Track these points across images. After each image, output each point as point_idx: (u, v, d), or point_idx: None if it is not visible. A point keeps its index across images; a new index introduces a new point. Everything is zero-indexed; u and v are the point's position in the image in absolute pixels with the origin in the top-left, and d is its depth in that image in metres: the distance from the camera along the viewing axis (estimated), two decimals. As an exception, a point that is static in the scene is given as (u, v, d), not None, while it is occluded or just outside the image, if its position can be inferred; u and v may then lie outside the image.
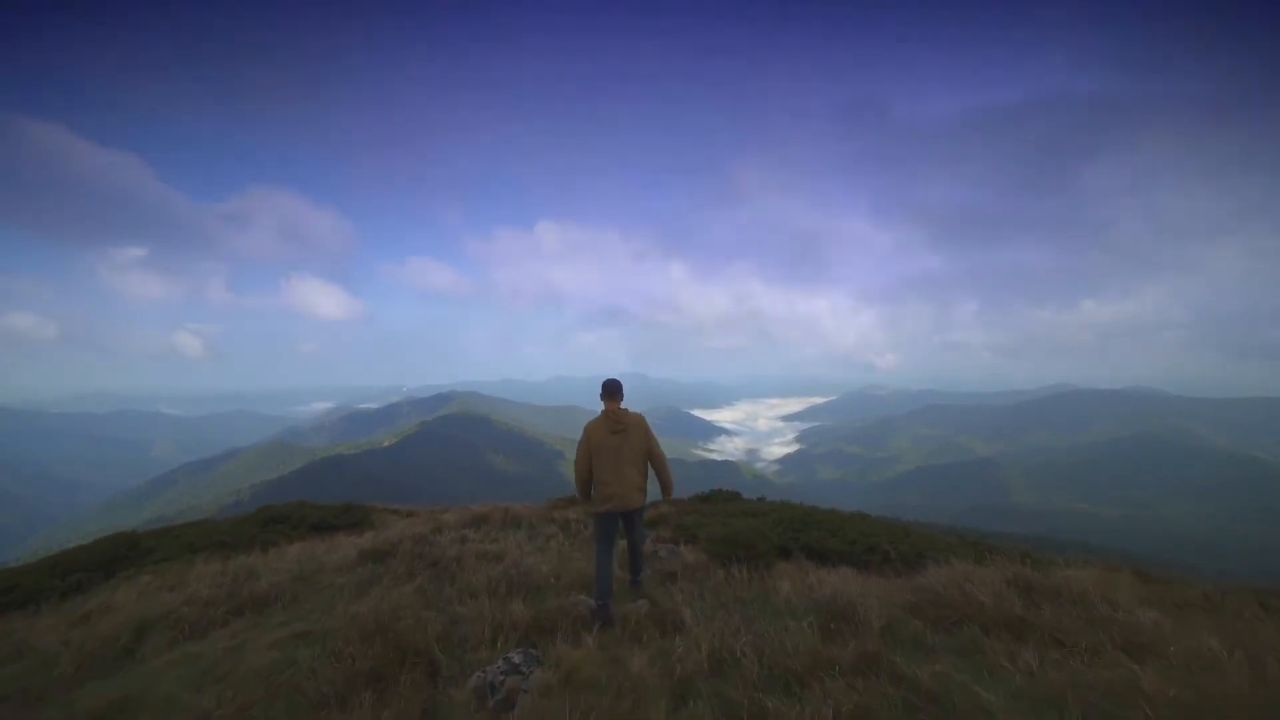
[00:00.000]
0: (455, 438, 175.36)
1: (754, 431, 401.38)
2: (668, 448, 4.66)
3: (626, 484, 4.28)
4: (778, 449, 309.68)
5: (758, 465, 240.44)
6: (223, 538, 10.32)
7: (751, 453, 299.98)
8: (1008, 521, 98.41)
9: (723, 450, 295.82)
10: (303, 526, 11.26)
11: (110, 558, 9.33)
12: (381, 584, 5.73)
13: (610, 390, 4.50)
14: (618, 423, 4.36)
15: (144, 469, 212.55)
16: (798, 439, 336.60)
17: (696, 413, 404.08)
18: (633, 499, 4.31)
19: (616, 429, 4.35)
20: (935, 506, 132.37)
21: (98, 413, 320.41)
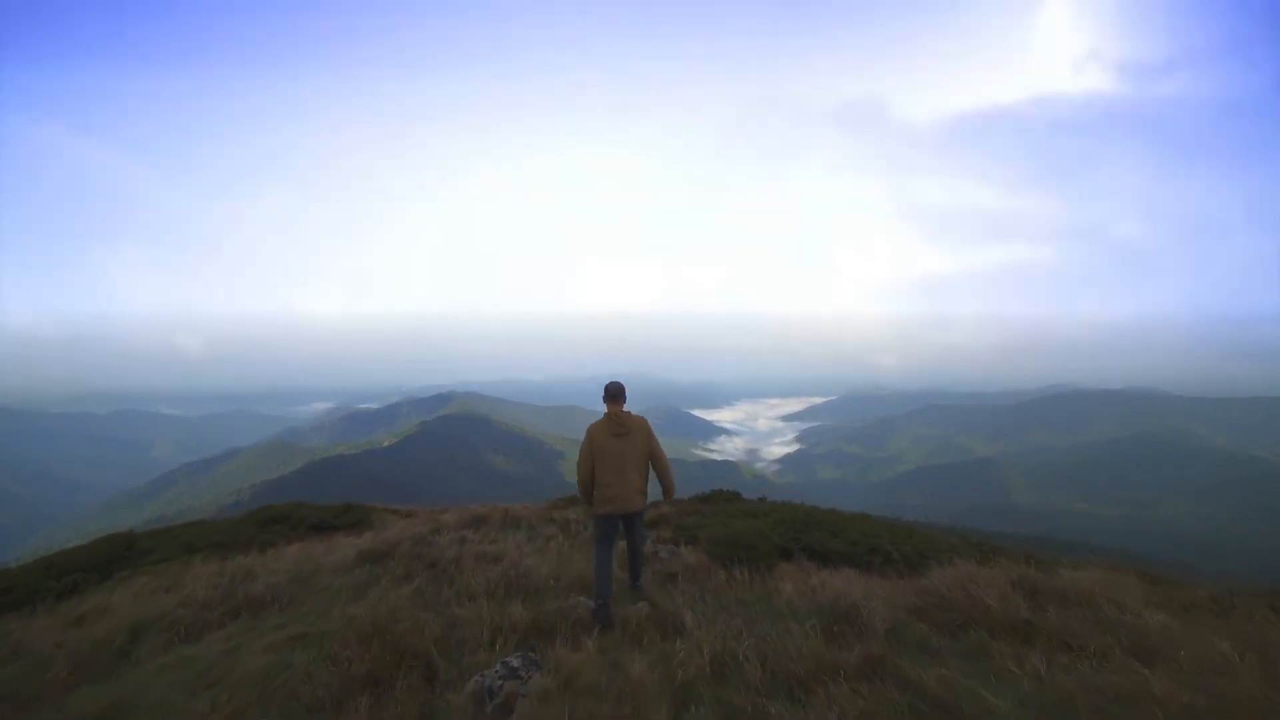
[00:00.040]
0: (455, 438, 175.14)
1: (754, 431, 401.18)
2: (668, 447, 4.69)
3: (628, 487, 4.31)
4: (778, 449, 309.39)
5: (758, 465, 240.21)
6: (220, 538, 10.26)
7: (751, 453, 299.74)
8: (1008, 521, 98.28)
9: (723, 450, 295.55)
10: (301, 527, 11.20)
11: (107, 558, 9.27)
12: (380, 585, 5.68)
13: (613, 393, 4.53)
14: (620, 425, 4.38)
15: (144, 469, 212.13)
16: (798, 439, 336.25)
17: (696, 413, 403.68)
18: (633, 502, 4.34)
19: (619, 432, 4.37)
20: (935, 506, 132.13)
21: (98, 413, 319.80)
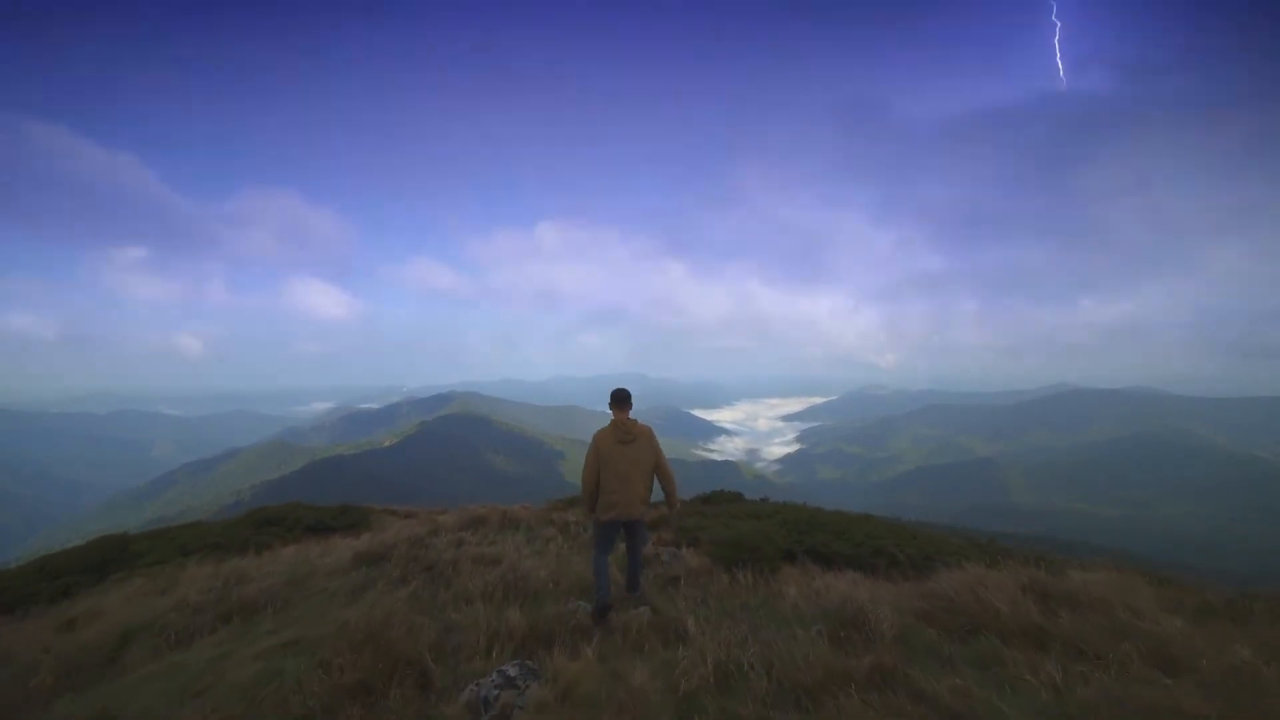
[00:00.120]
0: (455, 438, 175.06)
1: (754, 431, 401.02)
2: (668, 448, 4.75)
3: (632, 494, 4.34)
4: (778, 449, 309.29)
5: (758, 465, 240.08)
6: (216, 540, 10.15)
7: (752, 453, 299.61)
8: (1007, 521, 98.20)
9: (723, 450, 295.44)
10: (298, 528, 11.09)
11: (101, 560, 9.16)
12: (375, 588, 5.56)
13: (619, 400, 4.55)
14: (627, 433, 4.41)
15: (144, 469, 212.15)
16: (798, 439, 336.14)
17: (696, 413, 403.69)
18: (636, 509, 4.38)
19: (625, 439, 4.39)
20: (935, 506, 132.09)
21: (98, 413, 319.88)
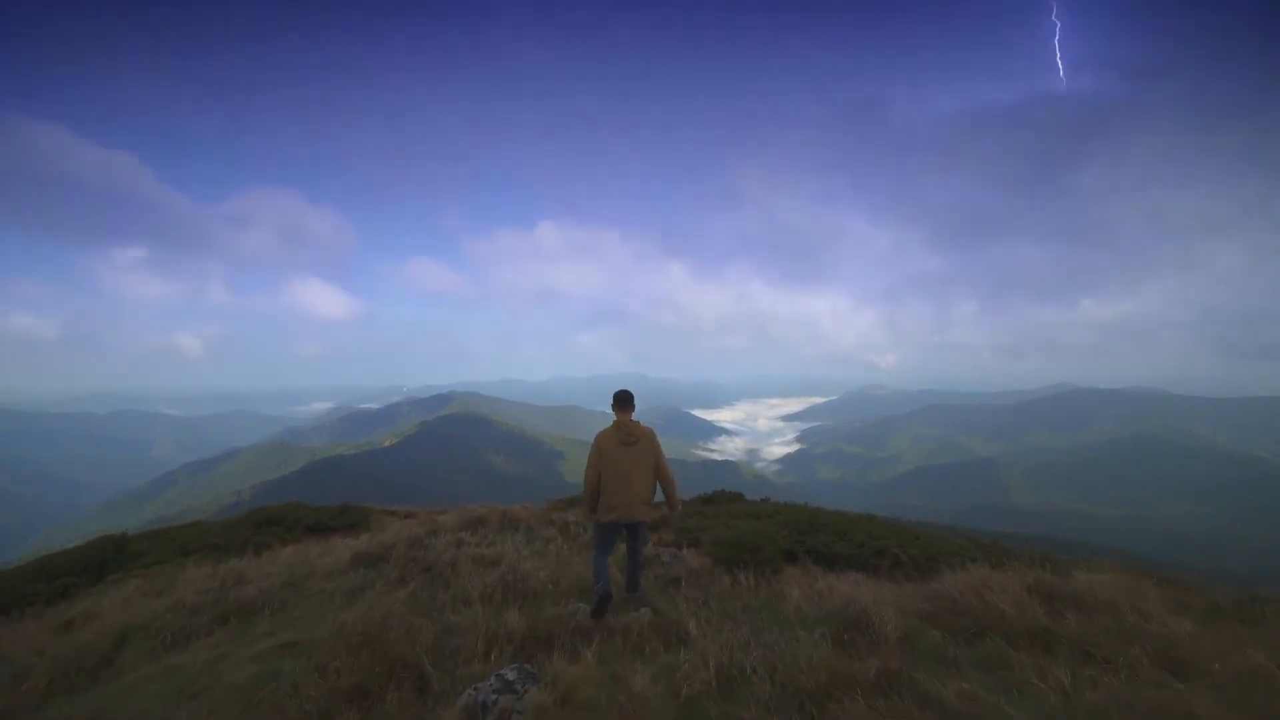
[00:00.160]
0: (455, 438, 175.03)
1: (754, 431, 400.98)
2: (668, 447, 4.74)
3: (632, 496, 4.35)
4: (778, 449, 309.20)
5: (758, 465, 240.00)
6: (215, 540, 10.11)
7: (752, 453, 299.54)
8: (1007, 521, 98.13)
9: (723, 450, 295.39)
10: (297, 528, 11.05)
11: (99, 561, 9.13)
12: (374, 589, 5.52)
13: (622, 401, 4.57)
14: (629, 435, 4.42)
15: (144, 469, 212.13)
16: (798, 439, 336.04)
17: (696, 413, 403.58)
18: (638, 511, 4.38)
19: (627, 441, 4.40)
20: (935, 506, 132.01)
21: (98, 413, 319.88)
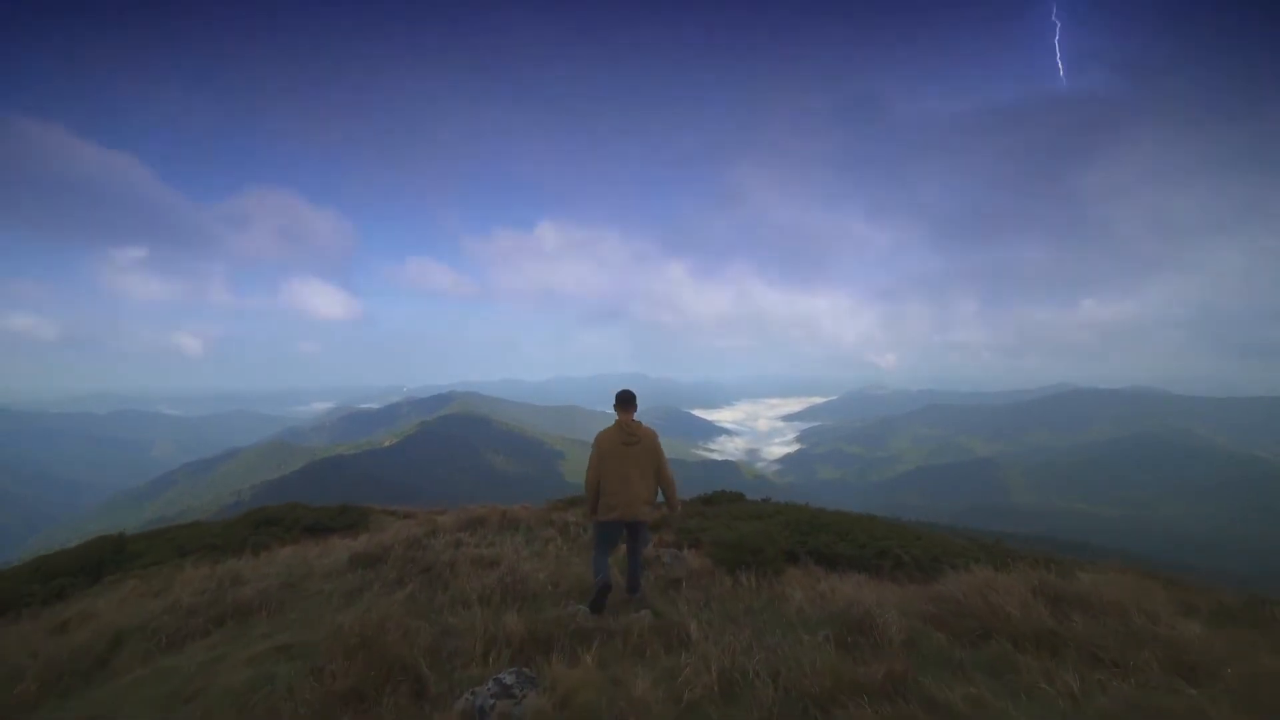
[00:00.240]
0: (455, 438, 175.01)
1: (754, 431, 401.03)
2: (668, 447, 4.73)
3: (633, 495, 4.33)
4: (778, 449, 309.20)
5: (758, 465, 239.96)
6: (213, 540, 10.06)
7: (752, 453, 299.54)
8: (1007, 521, 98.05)
9: (723, 450, 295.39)
10: (296, 529, 11.00)
11: (97, 561, 9.08)
12: (372, 590, 5.47)
13: (624, 401, 4.57)
14: (631, 435, 4.41)
15: (144, 469, 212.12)
16: (798, 439, 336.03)
17: (696, 412, 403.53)
18: (638, 510, 4.36)
19: (629, 441, 4.40)
20: (935, 506, 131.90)
21: (98, 413, 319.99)
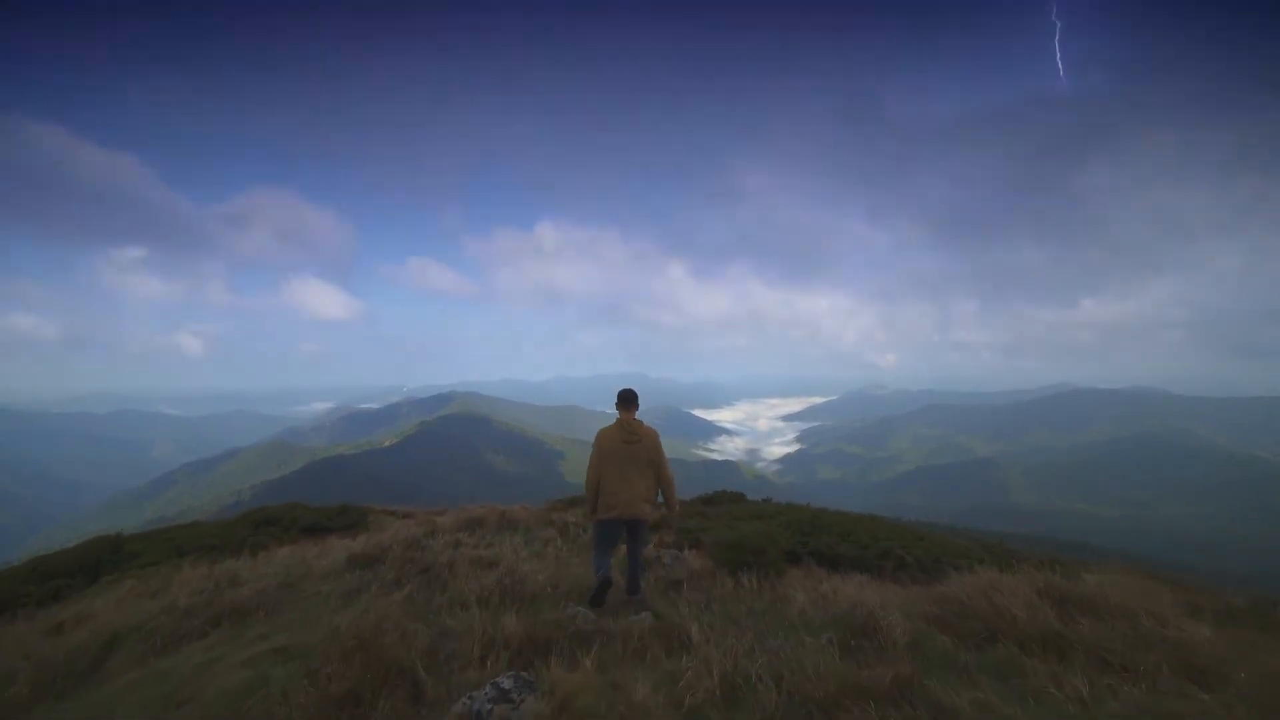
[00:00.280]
0: (455, 438, 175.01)
1: (754, 431, 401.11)
2: (668, 447, 4.70)
3: (632, 493, 4.30)
4: (778, 449, 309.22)
5: (758, 465, 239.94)
6: (212, 540, 10.02)
7: (752, 453, 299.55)
8: (1007, 521, 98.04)
9: (723, 450, 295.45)
10: (294, 529, 10.96)
11: (94, 562, 9.03)
12: (369, 592, 5.42)
13: (626, 400, 4.56)
14: (632, 433, 4.40)
15: (144, 469, 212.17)
16: (798, 439, 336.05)
17: (696, 413, 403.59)
18: (638, 509, 4.33)
19: (630, 439, 4.38)
20: (935, 506, 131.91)
21: (98, 413, 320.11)
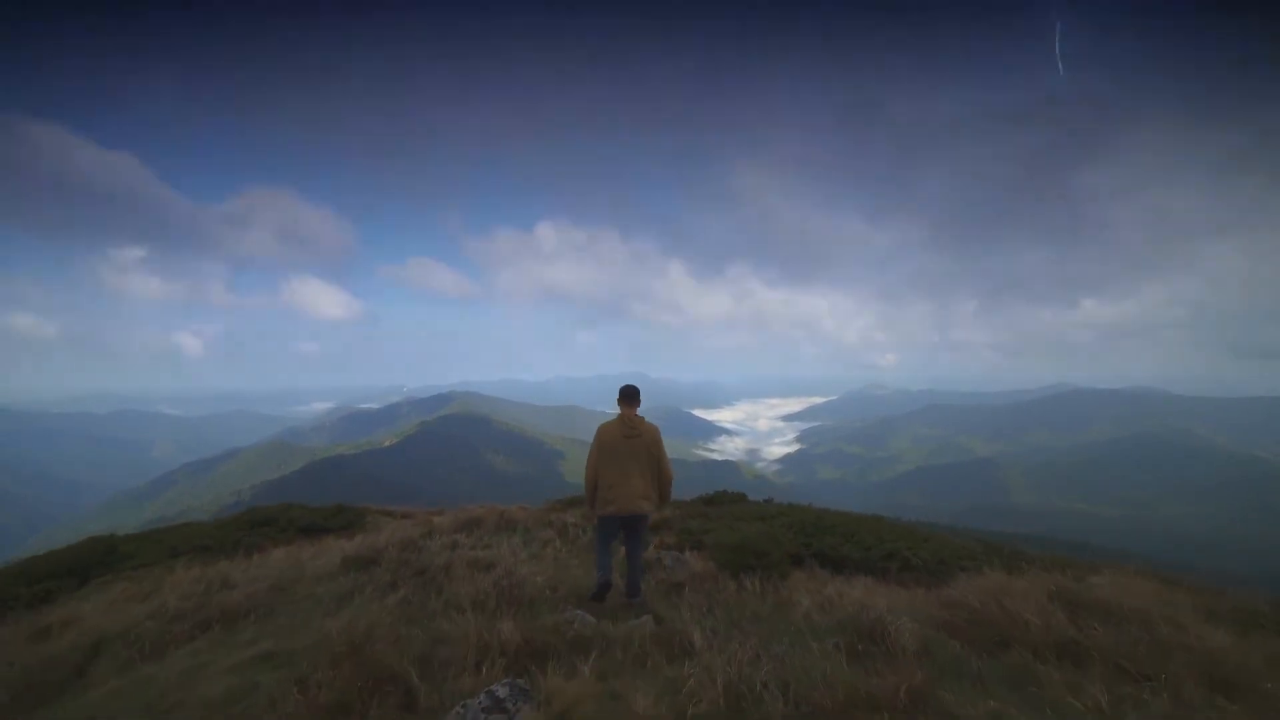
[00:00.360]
0: (455, 438, 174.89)
1: (754, 431, 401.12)
2: (668, 447, 4.65)
3: (631, 489, 4.26)
4: (778, 449, 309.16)
5: (758, 465, 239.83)
6: (206, 541, 9.88)
7: (752, 453, 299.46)
8: (1007, 521, 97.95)
9: (723, 450, 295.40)
10: (291, 529, 10.81)
11: (86, 563, 8.89)
12: (364, 594, 5.30)
13: (628, 396, 4.55)
14: (632, 429, 4.37)
15: (144, 469, 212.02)
16: (798, 439, 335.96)
17: (696, 412, 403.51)
18: (637, 505, 4.28)
19: (630, 434, 4.36)
20: (935, 506, 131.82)
21: (98, 413, 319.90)
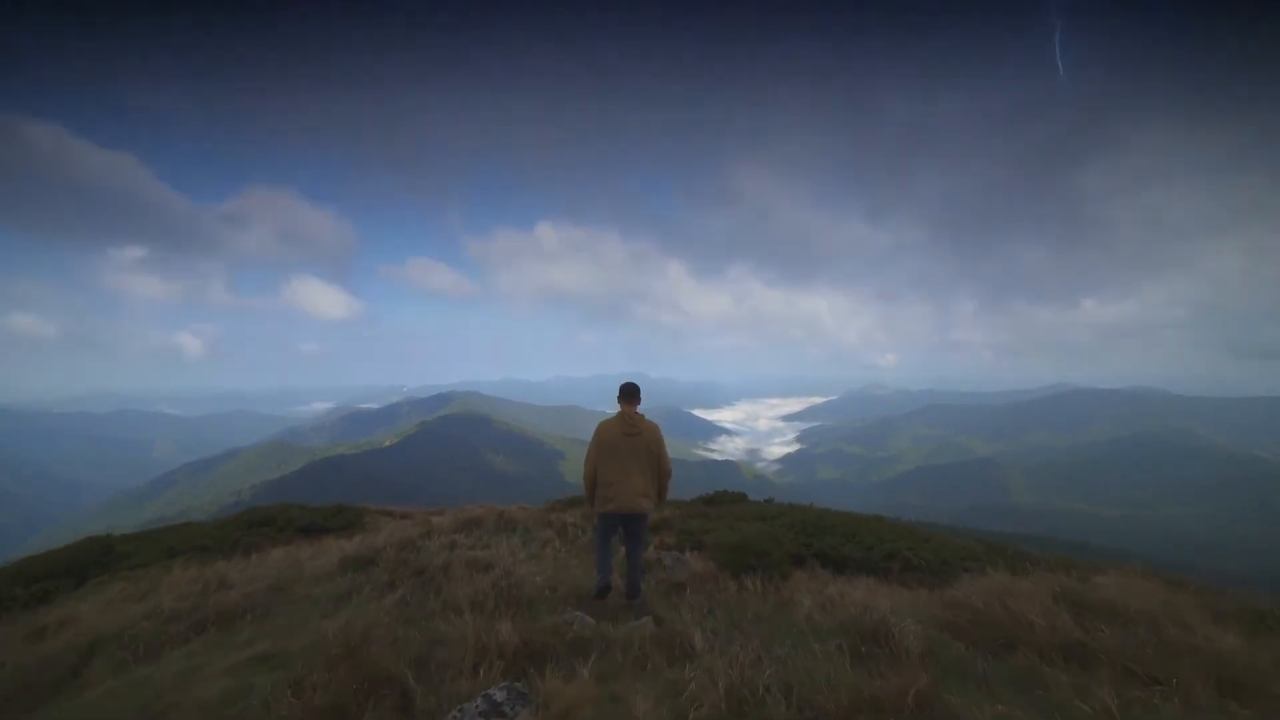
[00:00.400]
0: (455, 438, 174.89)
1: (754, 431, 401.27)
2: (668, 447, 4.60)
3: (630, 487, 4.23)
4: (778, 449, 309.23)
5: (758, 465, 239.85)
6: (204, 541, 9.84)
7: (752, 453, 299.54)
8: (1007, 521, 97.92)
9: (723, 450, 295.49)
10: (289, 529, 10.78)
11: (83, 563, 8.85)
12: (361, 595, 5.25)
13: (628, 393, 4.54)
14: (632, 426, 4.35)
15: (144, 469, 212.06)
16: (798, 439, 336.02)
17: (697, 412, 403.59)
18: (636, 503, 4.25)
19: (630, 431, 4.34)
20: (935, 506, 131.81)
21: (98, 413, 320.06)
